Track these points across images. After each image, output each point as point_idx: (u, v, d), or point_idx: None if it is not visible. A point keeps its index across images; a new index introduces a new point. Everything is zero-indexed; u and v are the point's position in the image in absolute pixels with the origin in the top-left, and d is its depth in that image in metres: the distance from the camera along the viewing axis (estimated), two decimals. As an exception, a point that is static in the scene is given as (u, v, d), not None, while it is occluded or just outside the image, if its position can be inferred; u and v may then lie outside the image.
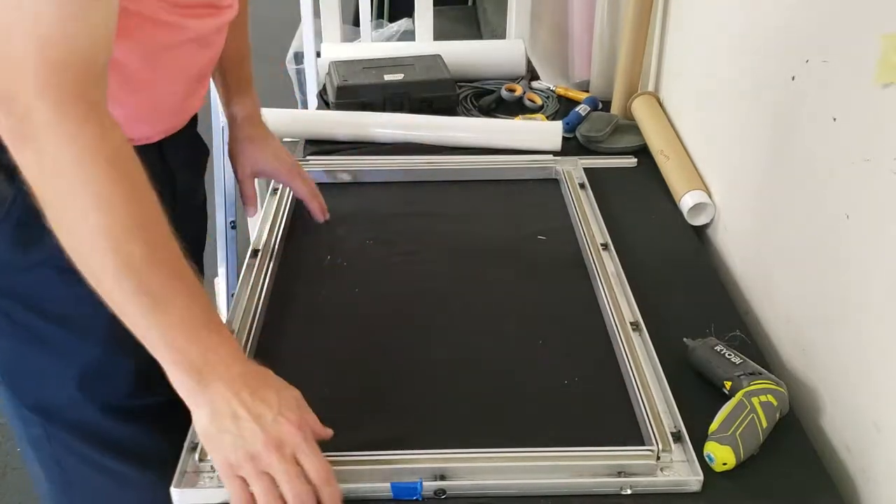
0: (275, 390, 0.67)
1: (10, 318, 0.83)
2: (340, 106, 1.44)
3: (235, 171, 1.07)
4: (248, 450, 0.64)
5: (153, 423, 0.89)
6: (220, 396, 0.65)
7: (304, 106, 2.27)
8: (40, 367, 0.85)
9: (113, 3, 0.65)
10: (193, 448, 0.73)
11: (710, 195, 1.15)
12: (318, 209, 1.10)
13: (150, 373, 0.86)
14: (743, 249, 1.07)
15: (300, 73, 2.52)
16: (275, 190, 1.16)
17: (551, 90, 1.58)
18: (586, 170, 1.23)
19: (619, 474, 0.72)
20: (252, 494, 0.64)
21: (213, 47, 0.87)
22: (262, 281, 0.97)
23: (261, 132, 1.07)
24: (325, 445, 0.68)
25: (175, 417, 0.72)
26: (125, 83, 0.76)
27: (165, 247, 0.66)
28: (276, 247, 1.04)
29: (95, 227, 0.62)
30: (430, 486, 0.71)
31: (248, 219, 1.89)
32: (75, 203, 0.62)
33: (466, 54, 1.63)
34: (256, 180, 1.09)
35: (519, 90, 1.54)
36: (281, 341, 0.90)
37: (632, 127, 1.38)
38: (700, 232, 1.16)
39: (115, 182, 0.63)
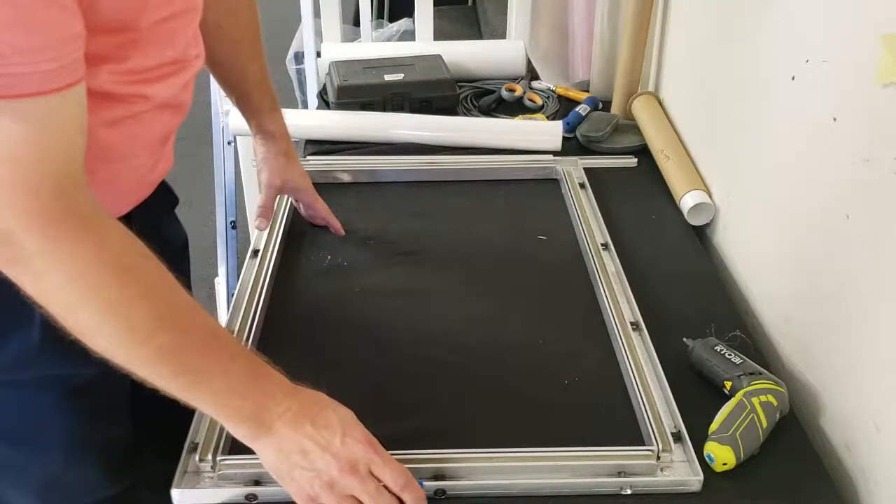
0: (333, 411, 0.67)
1: None
2: (340, 106, 1.44)
3: (263, 181, 1.04)
4: (324, 480, 0.64)
5: None
6: (285, 437, 0.65)
7: (304, 106, 2.27)
8: None
9: (82, 96, 0.59)
10: (193, 448, 0.73)
11: (710, 195, 1.15)
12: (338, 227, 1.09)
13: (118, 464, 0.84)
14: (743, 249, 1.07)
15: (300, 73, 2.52)
16: (275, 190, 1.16)
17: (551, 90, 1.58)
18: (586, 170, 1.23)
19: (620, 474, 0.72)
20: None
21: (182, 108, 0.80)
22: (262, 281, 0.97)
23: (293, 150, 1.06)
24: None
25: (150, 495, 0.71)
26: (88, 164, 0.68)
27: (192, 323, 0.64)
28: (276, 247, 1.04)
29: (113, 333, 0.60)
30: (430, 485, 0.71)
31: (248, 218, 1.90)
32: (88, 316, 0.59)
33: (466, 54, 1.63)
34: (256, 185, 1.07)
35: (519, 90, 1.54)
36: (281, 341, 0.90)
37: (632, 127, 1.38)
38: (700, 232, 1.16)
39: (123, 285, 0.60)
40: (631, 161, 1.31)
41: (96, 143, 0.67)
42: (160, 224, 0.92)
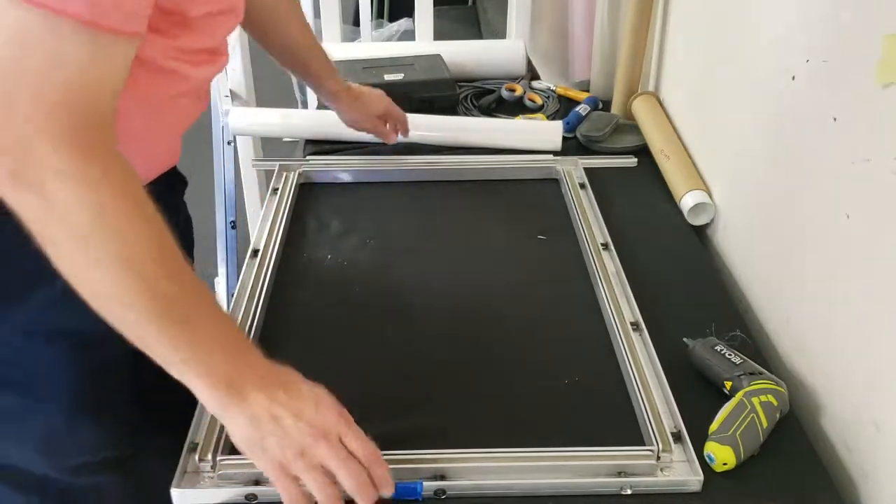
0: (305, 383, 0.68)
1: None
2: (340, 106, 1.43)
3: (363, 122, 1.21)
4: (296, 447, 0.64)
5: (119, 473, 0.87)
6: (258, 403, 0.65)
7: (304, 106, 2.27)
8: None
9: (135, 41, 0.62)
10: (193, 448, 0.73)
11: (710, 195, 1.15)
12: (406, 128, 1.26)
13: (119, 426, 0.85)
14: (743, 249, 1.07)
15: (300, 73, 2.51)
16: (275, 190, 1.16)
17: (551, 90, 1.58)
18: (586, 170, 1.23)
19: (620, 474, 0.72)
20: (304, 494, 0.65)
21: (205, 100, 0.86)
22: (262, 281, 0.97)
23: (356, 89, 1.20)
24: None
25: (143, 469, 0.72)
26: (121, 136, 0.73)
27: (184, 270, 0.64)
28: (276, 247, 1.04)
29: (118, 259, 0.59)
30: (430, 486, 0.71)
31: (248, 218, 1.90)
32: (93, 247, 0.59)
33: (466, 54, 1.63)
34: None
35: (519, 90, 1.54)
36: (281, 341, 0.90)
37: (632, 127, 1.38)
38: (700, 232, 1.16)
39: (141, 222, 0.61)
40: (631, 161, 1.31)
41: (139, 118, 0.72)
42: (172, 202, 0.95)
